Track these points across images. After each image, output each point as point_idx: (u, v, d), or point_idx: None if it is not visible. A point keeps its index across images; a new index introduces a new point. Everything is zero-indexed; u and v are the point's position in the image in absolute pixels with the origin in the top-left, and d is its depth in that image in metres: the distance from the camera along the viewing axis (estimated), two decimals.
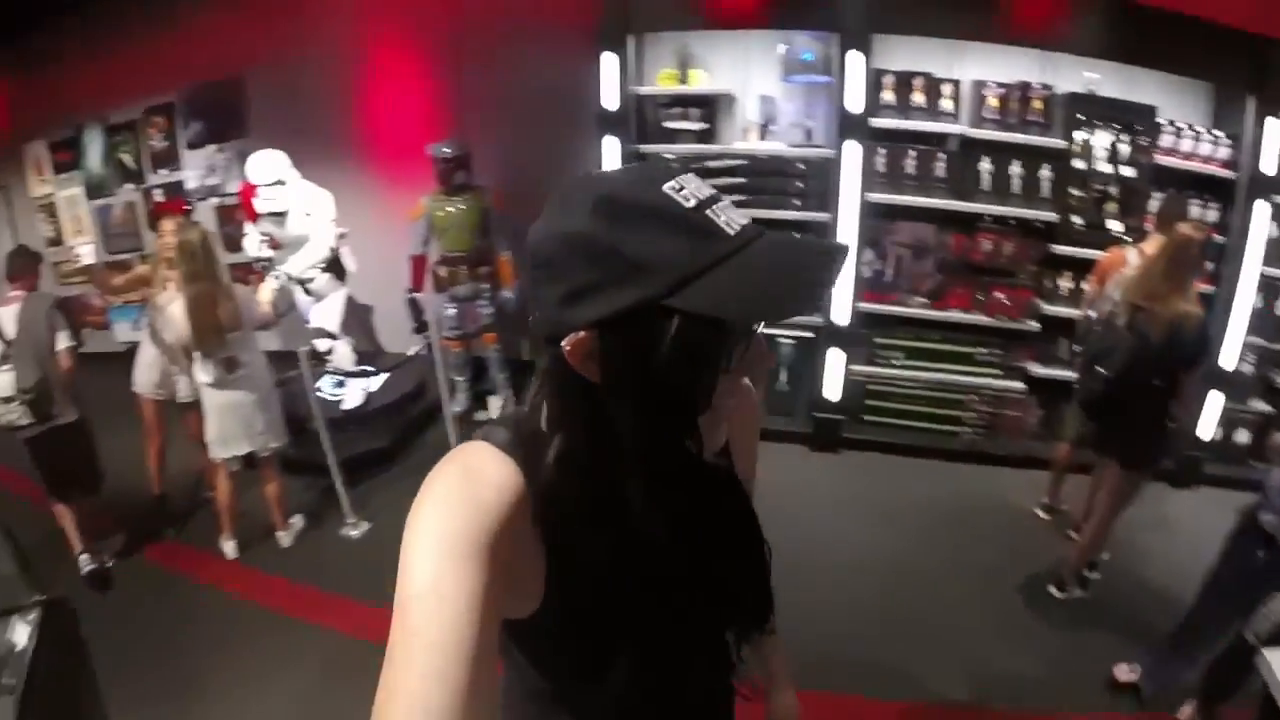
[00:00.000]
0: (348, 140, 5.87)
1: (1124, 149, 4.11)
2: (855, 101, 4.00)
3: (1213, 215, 4.15)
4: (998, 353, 4.31)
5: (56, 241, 7.76)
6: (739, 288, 0.65)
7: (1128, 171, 4.12)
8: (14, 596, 2.16)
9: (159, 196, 6.88)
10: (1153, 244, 3.22)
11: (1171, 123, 4.12)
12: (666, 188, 0.68)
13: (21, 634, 2.03)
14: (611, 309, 0.67)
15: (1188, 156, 4.13)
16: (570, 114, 4.72)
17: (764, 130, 4.41)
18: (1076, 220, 4.16)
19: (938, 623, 3.12)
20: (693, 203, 0.67)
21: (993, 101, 4.11)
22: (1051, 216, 4.13)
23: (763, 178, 4.43)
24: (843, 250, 0.69)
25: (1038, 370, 4.31)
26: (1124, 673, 2.69)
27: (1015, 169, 4.13)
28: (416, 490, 0.75)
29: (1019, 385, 4.32)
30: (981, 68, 4.15)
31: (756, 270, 0.66)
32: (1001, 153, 4.14)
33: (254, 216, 4.83)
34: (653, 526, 0.79)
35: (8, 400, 3.55)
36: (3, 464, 4.76)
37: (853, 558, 3.57)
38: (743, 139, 4.48)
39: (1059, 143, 4.06)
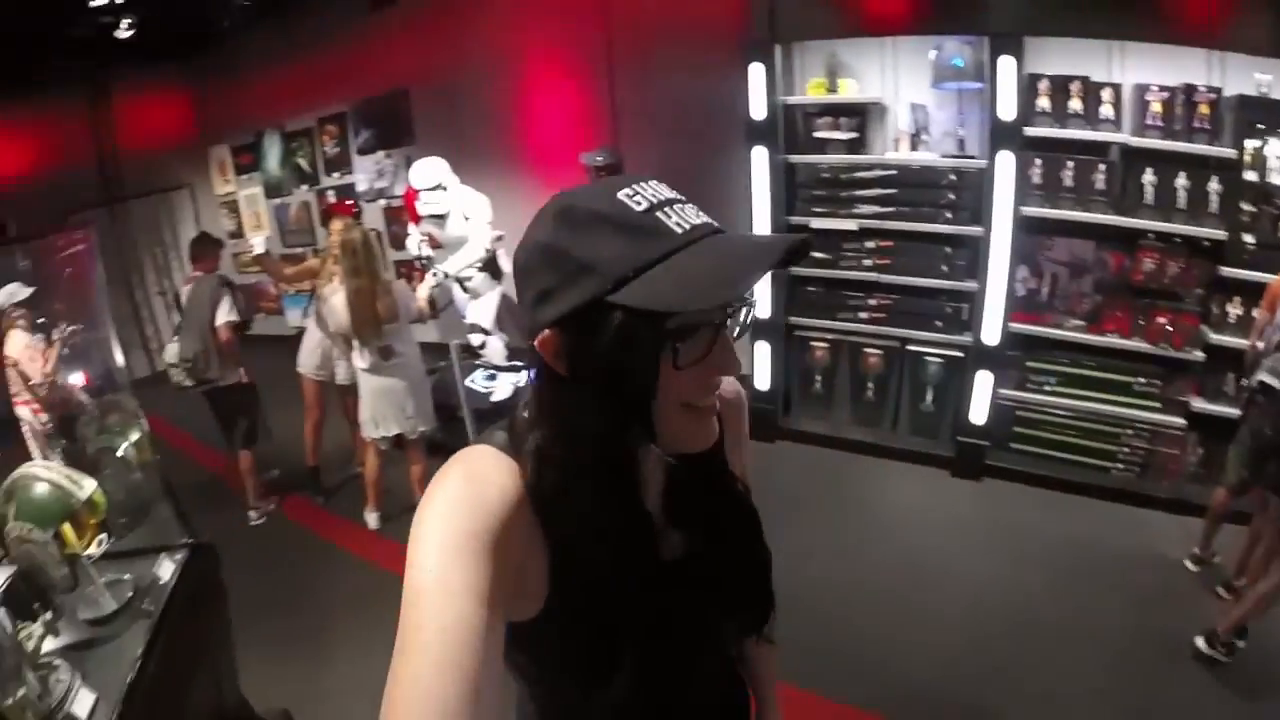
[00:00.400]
0: (506, 148, 6.38)
1: None
2: (1007, 108, 3.94)
3: None
4: (1157, 383, 4.08)
5: (237, 235, 8.91)
6: (673, 281, 0.71)
7: None
8: (167, 537, 2.64)
9: (331, 198, 7.78)
10: None
11: None
12: (621, 194, 0.75)
13: (167, 569, 2.41)
14: (567, 307, 0.75)
15: None
16: (721, 125, 4.90)
17: (915, 140, 4.42)
18: (1248, 239, 3.83)
19: (1052, 681, 2.95)
20: (643, 206, 0.74)
21: (1156, 107, 3.89)
22: (1220, 234, 3.84)
23: (913, 189, 4.44)
24: (793, 243, 0.74)
25: (1200, 405, 4.02)
26: None
27: (1181, 181, 3.90)
28: None
29: (1178, 421, 4.06)
30: (1143, 70, 3.94)
31: (692, 265, 0.72)
32: (1166, 163, 3.92)
33: (416, 218, 5.32)
34: (629, 519, 0.86)
35: (173, 366, 4.41)
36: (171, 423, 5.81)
37: (975, 593, 3.52)
38: (894, 149, 4.51)
39: (1228, 152, 3.77)
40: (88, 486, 2.24)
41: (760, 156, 4.60)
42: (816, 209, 4.76)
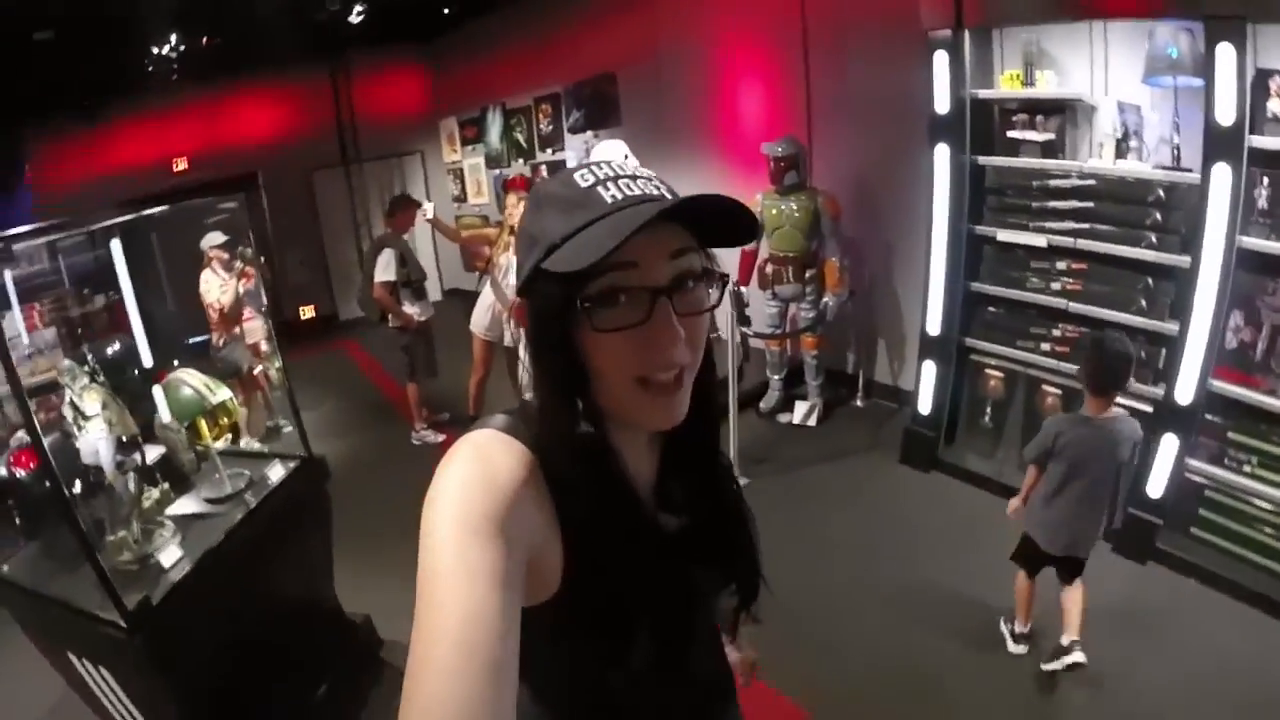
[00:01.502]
0: (702, 132, 6.86)
1: None
2: (1226, 110, 3.45)
3: None
4: None
5: (460, 199, 10.70)
6: (576, 245, 0.81)
7: None
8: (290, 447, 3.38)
9: (545, 172, 8.83)
10: None
11: None
12: (576, 175, 0.88)
13: (277, 473, 3.14)
14: (520, 278, 0.91)
15: None
16: (910, 120, 4.85)
17: (1122, 145, 4.05)
18: None
19: None
20: (589, 183, 0.86)
21: None
22: None
23: (1113, 204, 4.12)
24: (677, 204, 0.81)
25: None
26: None
27: None
28: None
29: None
30: None
31: (595, 229, 0.81)
32: None
33: None
34: (612, 484, 0.95)
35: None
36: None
37: (1107, 687, 3.19)
38: (1096, 155, 4.18)
39: None
40: (221, 393, 3.05)
41: (942, 155, 4.50)
42: (1005, 218, 4.56)
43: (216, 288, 5.45)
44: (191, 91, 8.95)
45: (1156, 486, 3.98)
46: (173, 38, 7.49)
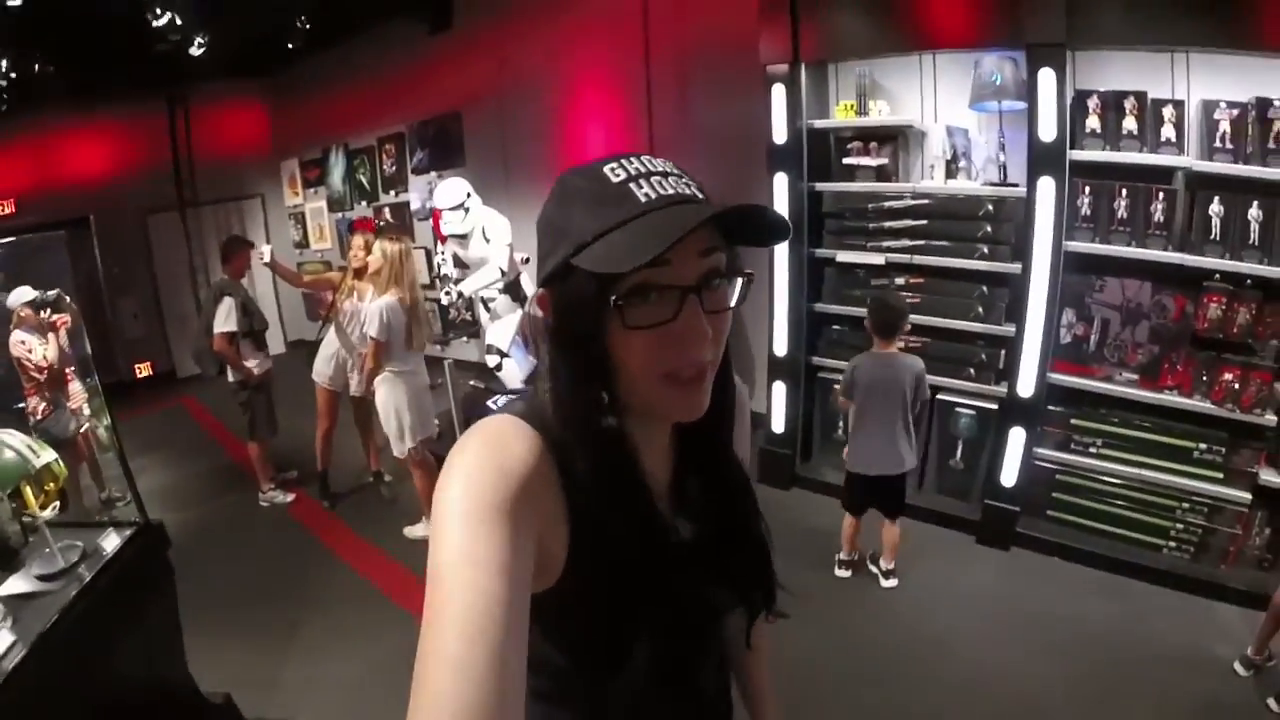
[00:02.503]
0: (548, 169, 6.69)
1: None
2: (1048, 129, 3.74)
3: None
4: (1220, 451, 3.74)
5: (302, 244, 9.99)
6: (614, 245, 0.78)
7: None
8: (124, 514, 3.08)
9: (388, 215, 8.43)
10: None
11: None
12: (606, 168, 0.84)
13: (112, 542, 2.82)
14: (547, 270, 0.86)
15: None
16: (750, 150, 4.92)
17: (952, 166, 4.31)
18: None
19: None
20: (620, 178, 0.83)
21: (1225, 126, 3.57)
22: None
23: (946, 221, 4.33)
24: (732, 209, 0.79)
25: (1269, 478, 3.62)
26: None
27: (1254, 212, 3.55)
28: None
29: (1243, 495, 3.70)
30: (1211, 85, 3.64)
31: (634, 230, 0.78)
32: (1236, 191, 3.58)
33: (442, 237, 5.59)
34: (627, 478, 0.91)
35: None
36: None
37: (986, 679, 3.31)
38: (929, 177, 4.39)
39: None
40: (46, 455, 2.67)
41: (781, 183, 4.61)
42: (844, 240, 4.71)
43: (38, 346, 4.70)
44: (19, 125, 7.99)
45: (1009, 477, 4.21)
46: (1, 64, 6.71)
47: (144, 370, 9.37)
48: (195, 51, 6.97)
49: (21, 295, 4.70)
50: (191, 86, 8.82)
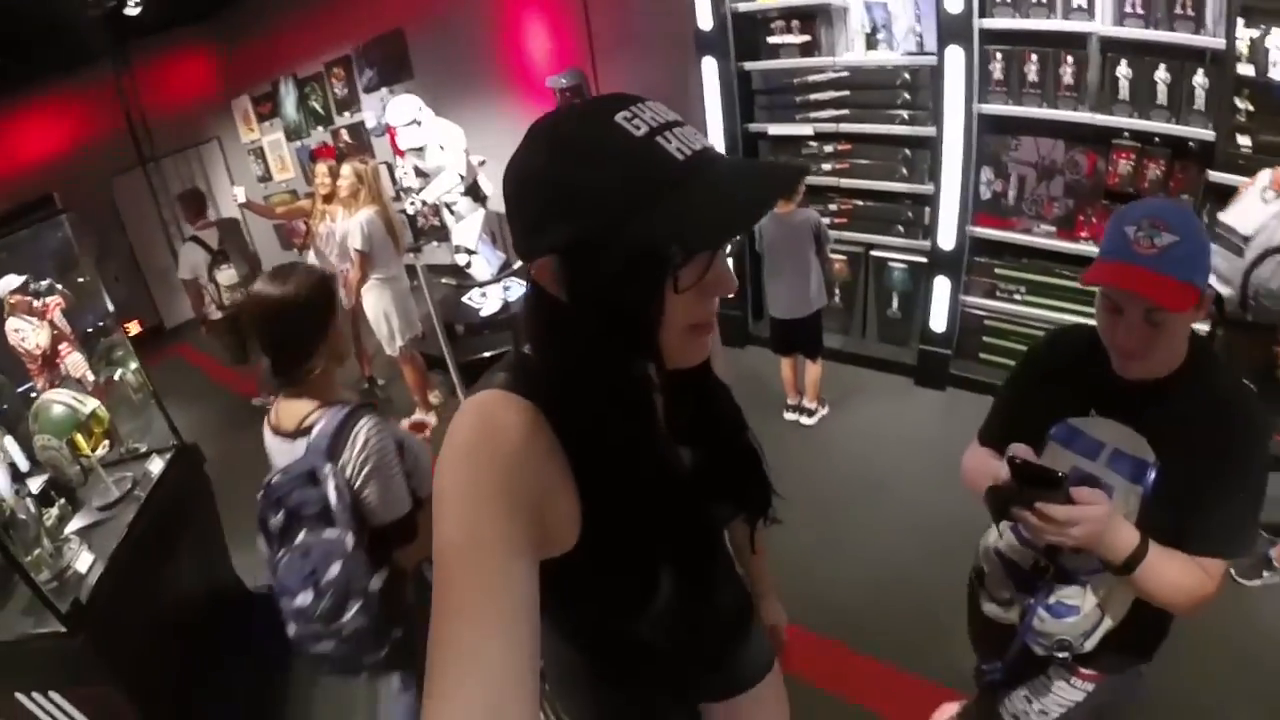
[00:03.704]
0: (491, 76, 6.77)
1: None
2: (954, 1, 3.82)
3: None
4: None
5: (266, 178, 9.88)
6: (679, 218, 0.72)
7: None
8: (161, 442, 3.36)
9: (346, 136, 8.39)
10: None
11: None
12: (618, 118, 0.75)
13: (156, 465, 3.16)
14: (564, 238, 0.76)
15: None
16: (681, 38, 4.95)
17: (872, 39, 4.38)
18: (1243, 141, 3.53)
19: None
20: (643, 131, 0.74)
21: None
22: (1208, 135, 3.58)
23: (866, 91, 4.44)
24: (792, 174, 0.87)
25: None
26: None
27: (1161, 75, 3.65)
28: None
29: None
30: None
31: (696, 200, 0.73)
32: (1145, 55, 3.67)
33: (400, 152, 5.63)
34: (650, 437, 0.90)
35: None
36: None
37: (929, 505, 3.53)
38: (850, 50, 4.47)
39: (1216, 42, 3.46)
40: (90, 404, 3.01)
41: (710, 66, 4.69)
42: (774, 114, 4.83)
43: (31, 333, 4.80)
44: None
45: (940, 323, 4.47)
46: None
47: (133, 329, 9.16)
48: (132, 11, 6.91)
49: (8, 284, 4.75)
50: (135, 44, 8.58)
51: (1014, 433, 1.44)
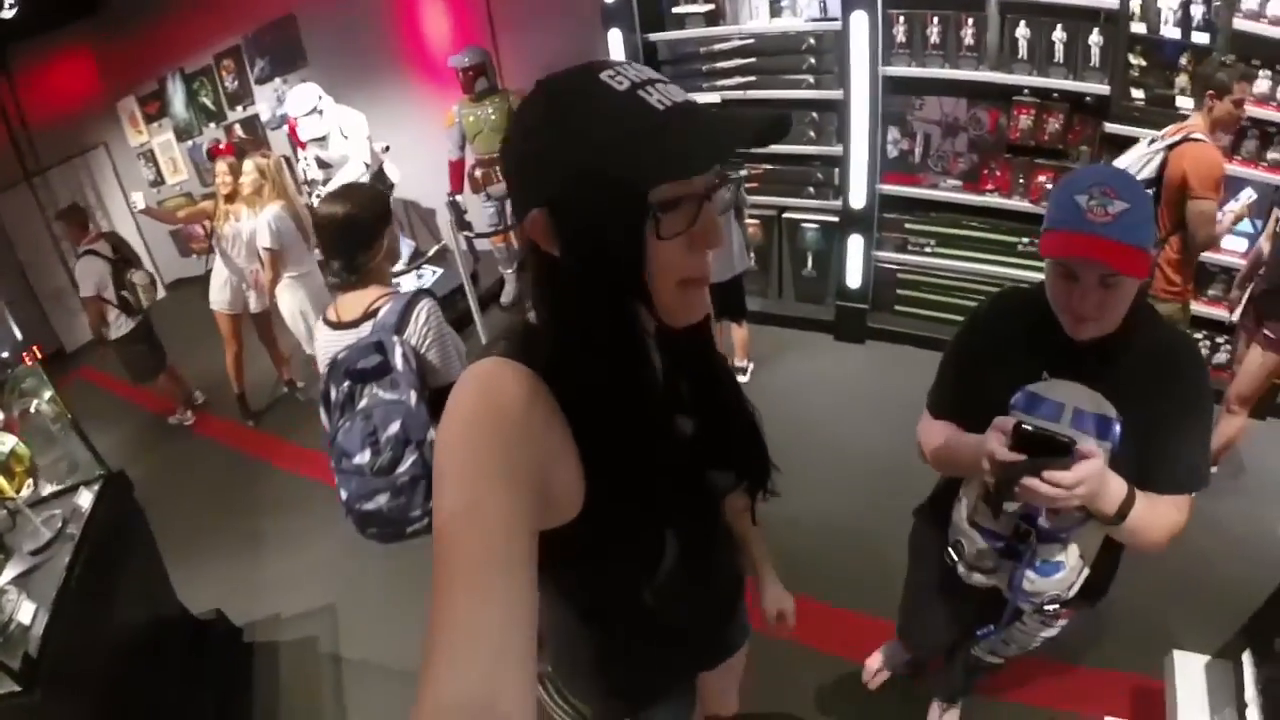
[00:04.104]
0: (390, 59, 6.52)
1: (1197, 10, 3.59)
2: None
3: None
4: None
5: (159, 182, 9.22)
6: (653, 154, 0.74)
7: (1200, 39, 3.59)
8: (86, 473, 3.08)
9: (240, 131, 7.93)
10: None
11: None
12: (602, 75, 0.77)
13: (85, 499, 2.88)
14: (553, 187, 0.78)
15: (1277, 22, 3.51)
16: (585, 10, 4.94)
17: (775, 6, 4.44)
18: (1136, 94, 3.74)
19: None
20: (624, 85, 0.77)
21: None
22: (1102, 89, 3.76)
23: (772, 57, 4.48)
24: (767, 120, 0.78)
25: None
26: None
27: (1058, 34, 3.81)
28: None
29: None
30: None
31: (670, 138, 0.74)
32: (1042, 16, 3.83)
33: (301, 144, 5.41)
34: (648, 393, 0.90)
35: None
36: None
37: (860, 455, 3.63)
38: (754, 17, 4.51)
39: (1109, 2, 3.63)
40: (8, 441, 2.81)
41: (615, 38, 4.67)
42: (681, 84, 4.72)
43: None
44: None
45: (855, 279, 4.56)
46: None
47: (30, 359, 8.43)
48: (7, 14, 6.40)
49: None
50: (10, 51, 7.97)
51: (969, 402, 1.51)
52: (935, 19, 4.00)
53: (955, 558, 1.65)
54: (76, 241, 4.87)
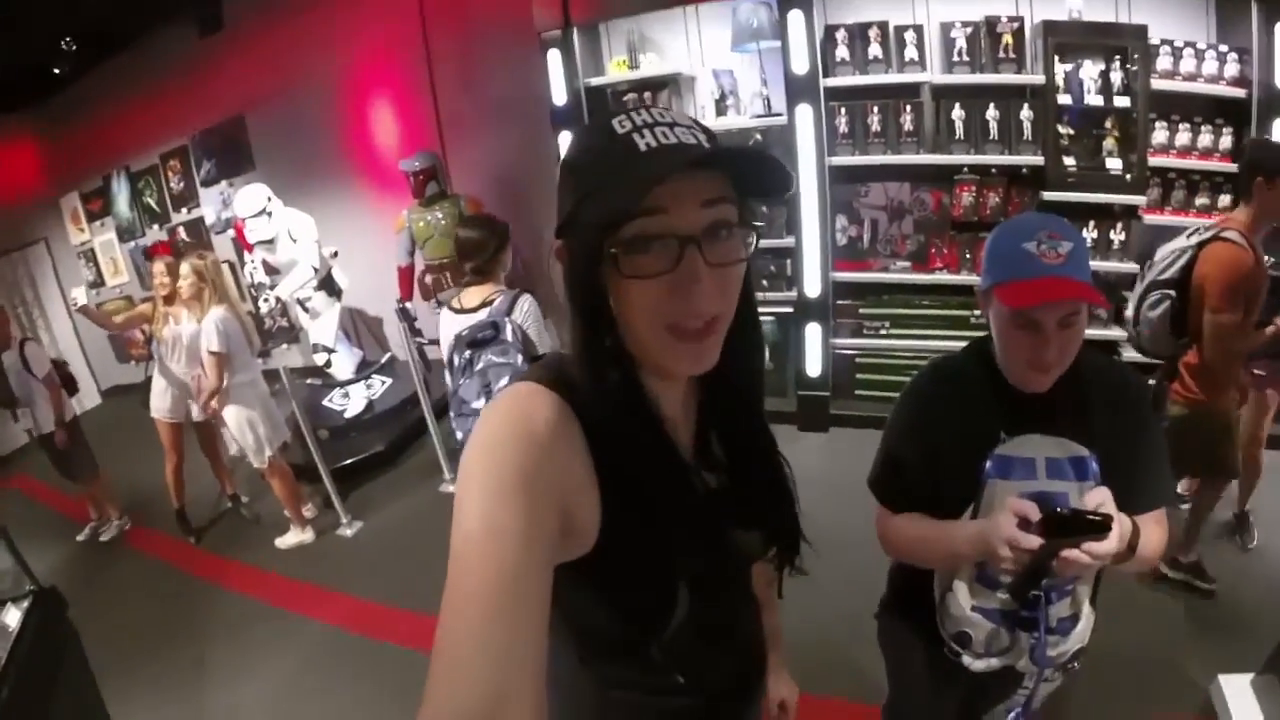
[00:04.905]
0: (339, 163, 6.45)
1: (1116, 77, 3.85)
2: (800, 62, 4.02)
3: (1226, 141, 3.86)
4: None
5: (98, 284, 8.84)
6: (606, 193, 0.75)
7: (1122, 102, 3.84)
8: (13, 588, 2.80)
9: (183, 234, 7.74)
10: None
11: (1167, 42, 3.83)
12: (614, 122, 0.78)
13: (13, 617, 2.62)
14: (559, 221, 0.82)
15: (1190, 78, 3.83)
16: (534, 114, 4.93)
17: (721, 105, 4.51)
18: (1068, 162, 3.94)
19: None
20: (625, 129, 0.77)
21: (961, 43, 3.98)
22: (1036, 160, 3.95)
23: None
24: (706, 154, 0.76)
25: None
26: None
27: (991, 113, 3.99)
28: (410, 490, 0.88)
29: None
30: (947, 7, 4.04)
31: (624, 178, 0.74)
32: (974, 97, 4.01)
33: (248, 246, 5.29)
34: (651, 432, 0.88)
35: None
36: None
37: (832, 544, 3.50)
38: (702, 117, 4.53)
39: (1037, 79, 3.86)
40: None
41: (565, 141, 4.65)
42: None
43: None
44: None
45: (814, 367, 4.55)
46: None
47: None
48: None
49: None
50: None
51: (931, 485, 1.47)
52: (875, 108, 4.14)
53: (960, 650, 1.56)
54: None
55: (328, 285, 5.35)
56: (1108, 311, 3.93)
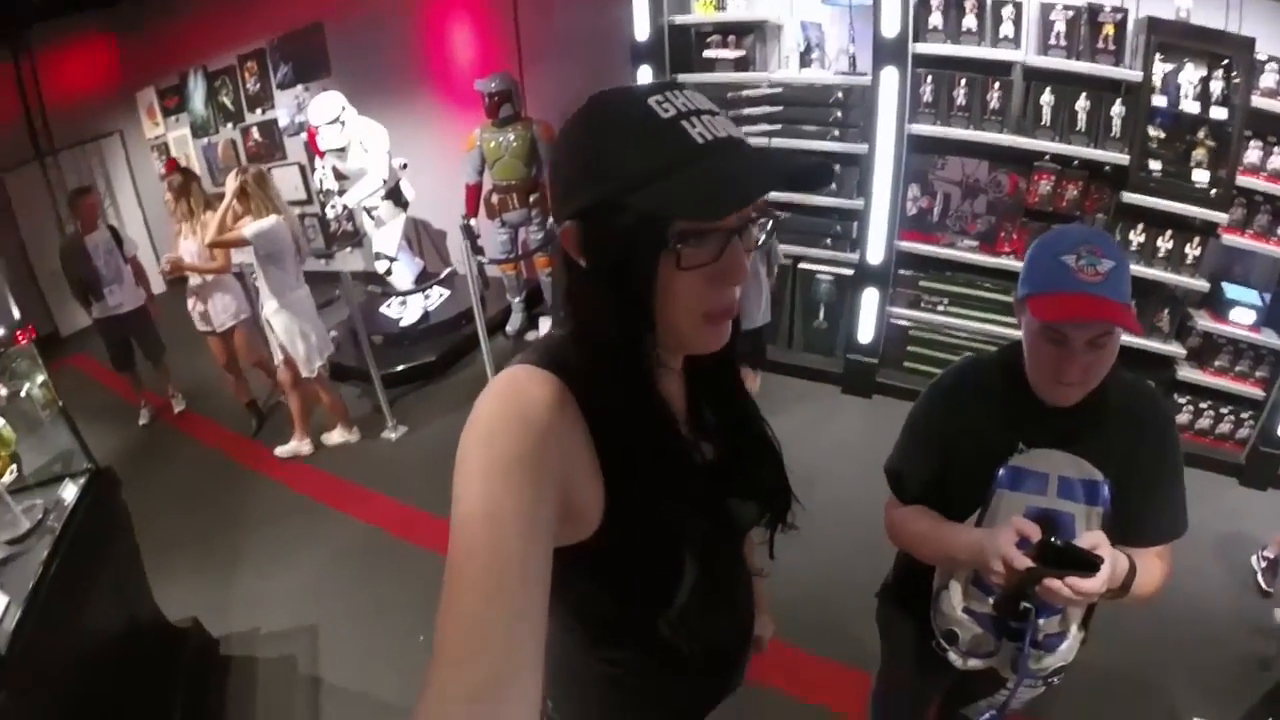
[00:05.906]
0: (414, 77, 6.39)
1: (1216, 87, 3.57)
2: (891, 25, 3.85)
3: None
4: None
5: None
6: (681, 189, 0.73)
7: (1219, 114, 3.57)
8: (71, 465, 2.91)
9: (256, 134, 7.83)
10: None
11: (1275, 59, 3.53)
12: (651, 100, 0.76)
13: (70, 492, 2.72)
14: (583, 203, 0.78)
15: None
16: (614, 47, 4.82)
17: (805, 57, 4.37)
18: (1154, 165, 3.71)
19: None
20: (670, 114, 0.75)
21: (1060, 26, 3.76)
22: (1122, 159, 3.72)
23: (799, 107, 4.40)
24: (802, 168, 0.77)
25: None
26: None
27: (1081, 103, 3.78)
28: (457, 403, 0.89)
29: None
30: None
31: (702, 175, 0.73)
32: (1067, 84, 3.80)
33: (320, 153, 5.30)
34: (654, 411, 0.88)
35: None
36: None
37: (861, 511, 3.48)
38: (784, 67, 4.44)
39: (1133, 74, 3.62)
40: None
41: (644, 77, 4.56)
42: None
43: None
44: None
45: (867, 333, 4.46)
46: None
47: (24, 338, 8.11)
48: None
49: None
50: (34, 30, 7.72)
51: (942, 483, 1.47)
52: (963, 81, 3.95)
53: (947, 646, 1.58)
54: (87, 228, 4.75)
55: (395, 195, 5.36)
56: (1169, 328, 3.77)
